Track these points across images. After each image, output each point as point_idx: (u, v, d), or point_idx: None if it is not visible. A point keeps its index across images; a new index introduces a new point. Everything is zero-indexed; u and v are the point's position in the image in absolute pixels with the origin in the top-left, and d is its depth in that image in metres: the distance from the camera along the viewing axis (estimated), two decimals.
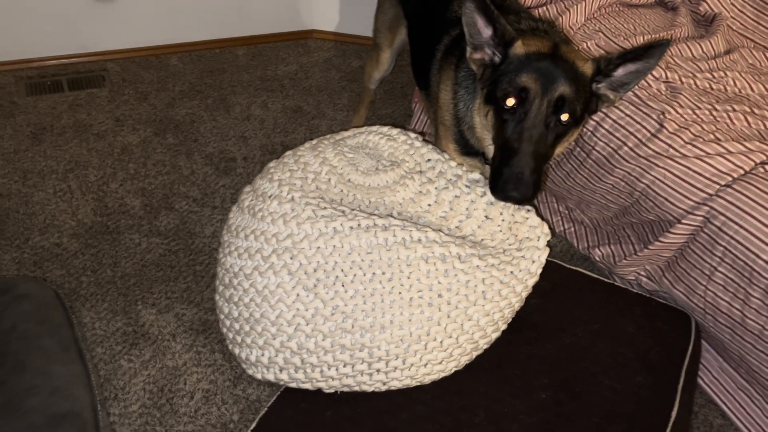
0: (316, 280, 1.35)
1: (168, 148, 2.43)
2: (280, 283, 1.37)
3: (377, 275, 1.33)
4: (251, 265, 1.41)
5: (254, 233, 1.42)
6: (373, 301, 1.33)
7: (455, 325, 1.38)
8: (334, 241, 1.35)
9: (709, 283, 1.66)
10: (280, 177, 1.47)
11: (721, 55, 2.10)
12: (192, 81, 2.81)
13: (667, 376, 1.62)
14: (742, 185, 1.61)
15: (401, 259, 1.33)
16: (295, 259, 1.36)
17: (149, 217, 2.14)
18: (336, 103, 2.78)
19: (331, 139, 1.61)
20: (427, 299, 1.35)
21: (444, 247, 1.35)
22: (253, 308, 1.41)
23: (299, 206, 1.40)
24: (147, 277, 1.93)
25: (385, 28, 2.20)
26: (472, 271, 1.36)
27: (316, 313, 1.35)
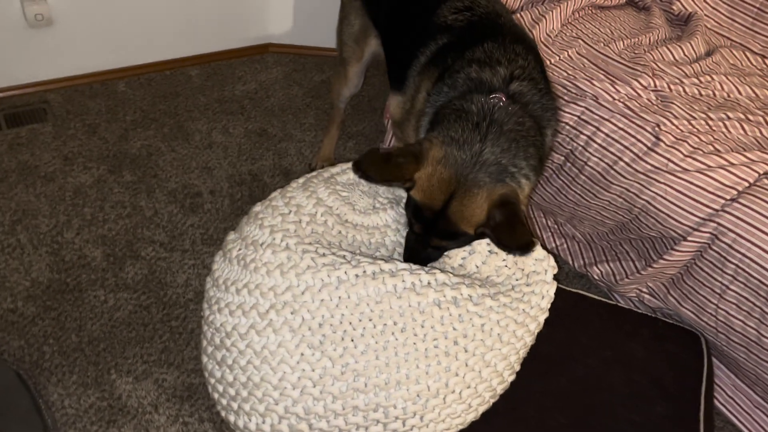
0: (322, 337, 1.22)
1: (126, 187, 2.24)
2: (282, 342, 1.24)
3: (389, 326, 1.22)
4: (246, 323, 1.27)
5: (247, 287, 1.28)
6: (386, 355, 1.22)
7: (473, 374, 1.28)
8: (339, 292, 1.22)
9: (721, 301, 1.61)
10: (272, 223, 1.34)
11: (702, 57, 2.05)
12: (144, 108, 2.61)
13: (685, 403, 1.56)
14: (749, 199, 1.56)
15: (413, 306, 1.22)
16: (296, 315, 1.23)
17: (113, 268, 1.95)
18: (302, 123, 2.63)
19: (320, 177, 1.48)
20: (444, 348, 1.24)
21: (455, 290, 1.25)
22: (252, 371, 1.27)
23: (296, 254, 1.27)
24: (118, 339, 1.75)
25: (352, 41, 2.07)
26: (486, 314, 1.27)
27: (325, 373, 1.22)
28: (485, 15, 1.59)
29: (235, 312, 1.28)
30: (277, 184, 2.32)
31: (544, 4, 2.24)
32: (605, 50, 2.01)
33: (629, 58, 1.98)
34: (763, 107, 1.83)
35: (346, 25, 2.07)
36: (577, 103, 1.86)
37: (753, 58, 2.09)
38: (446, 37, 1.57)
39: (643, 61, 1.96)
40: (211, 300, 1.37)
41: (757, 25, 2.16)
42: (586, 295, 1.81)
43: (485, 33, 1.52)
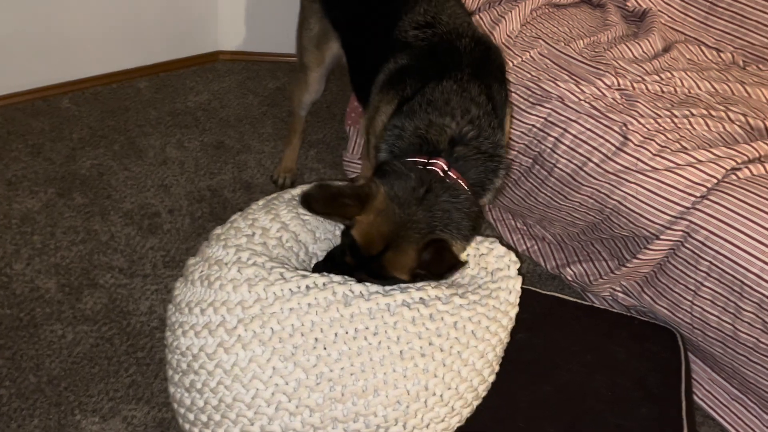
0: (294, 347, 1.17)
1: (77, 211, 2.12)
2: (252, 356, 1.17)
3: (360, 330, 1.18)
4: (214, 342, 1.20)
5: (213, 306, 1.22)
6: (361, 360, 1.17)
7: (453, 373, 1.24)
8: (308, 299, 1.18)
9: (696, 298, 1.62)
10: (236, 243, 1.29)
11: (660, 53, 2.08)
12: (92, 125, 2.48)
13: (668, 403, 1.56)
14: (718, 195, 1.57)
15: (382, 308, 1.19)
16: (266, 326, 1.18)
17: (70, 300, 1.84)
18: (261, 133, 2.55)
19: (281, 199, 1.44)
20: (418, 348, 1.20)
21: (422, 291, 1.23)
22: (222, 392, 1.20)
23: (264, 270, 1.22)
24: (80, 376, 1.65)
25: (312, 46, 2.01)
26: (457, 311, 1.24)
27: (299, 385, 1.17)
28: (446, 35, 1.55)
29: (201, 332, 1.21)
30: (239, 199, 2.24)
31: (502, 5, 2.22)
32: (566, 50, 2.01)
33: (590, 57, 1.98)
34: (723, 102, 1.86)
35: (305, 29, 2.01)
36: (543, 105, 1.84)
37: (708, 52, 2.12)
38: (406, 57, 1.54)
39: (604, 60, 1.96)
40: (174, 325, 1.30)
41: (710, 18, 2.19)
42: (561, 298, 1.80)
43: (445, 63, 1.48)
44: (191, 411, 1.27)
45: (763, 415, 1.65)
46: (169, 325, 1.32)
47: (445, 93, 1.41)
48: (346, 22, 1.82)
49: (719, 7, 2.17)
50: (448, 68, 1.46)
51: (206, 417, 1.24)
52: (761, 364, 1.54)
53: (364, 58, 1.75)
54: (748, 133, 1.76)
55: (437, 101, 1.40)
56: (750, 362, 1.56)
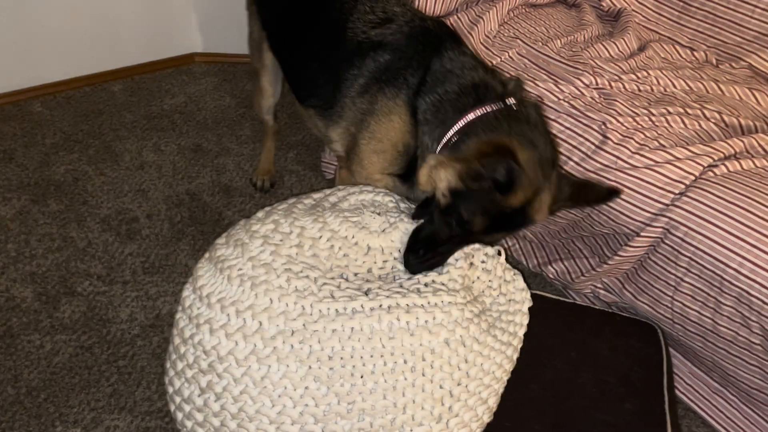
0: (330, 370, 1.14)
1: (53, 217, 2.08)
2: (286, 372, 1.14)
3: (399, 365, 1.15)
4: (246, 349, 1.15)
5: (252, 309, 1.17)
6: (394, 396, 1.15)
7: (471, 413, 1.25)
8: (353, 323, 1.15)
9: (676, 293, 1.64)
10: (287, 253, 1.23)
11: (636, 52, 2.10)
12: (65, 130, 2.43)
13: (652, 397, 1.58)
14: (697, 192, 1.59)
15: (424, 345, 1.17)
16: (305, 344, 1.14)
17: (47, 309, 1.80)
18: (239, 135, 2.52)
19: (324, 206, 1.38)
20: (449, 389, 1.20)
21: (464, 329, 1.21)
22: (246, 401, 1.16)
23: (315, 285, 1.18)
24: (61, 386, 1.62)
25: (255, 50, 2.03)
26: (487, 352, 1.25)
27: (330, 410, 1.14)
28: (411, 22, 1.57)
29: (233, 335, 1.16)
30: (218, 203, 2.22)
31: (480, 5, 2.23)
32: (544, 49, 2.02)
33: (568, 56, 2.00)
34: (698, 99, 1.89)
35: (250, 34, 2.04)
36: None
37: (682, 51, 2.15)
38: (387, 53, 1.53)
39: (582, 59, 1.98)
40: (198, 318, 1.22)
41: (683, 18, 2.23)
42: (544, 296, 1.81)
43: (429, 42, 1.50)
44: (201, 411, 1.22)
45: (743, 407, 1.68)
46: (190, 315, 1.25)
47: (455, 60, 1.44)
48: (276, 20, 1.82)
49: (692, 7, 2.20)
50: (436, 46, 1.48)
51: (219, 422, 1.19)
52: (740, 357, 1.56)
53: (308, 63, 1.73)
54: (723, 130, 1.79)
55: (454, 68, 1.42)
56: (730, 355, 1.59)
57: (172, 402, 1.29)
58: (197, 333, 1.21)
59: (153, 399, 1.61)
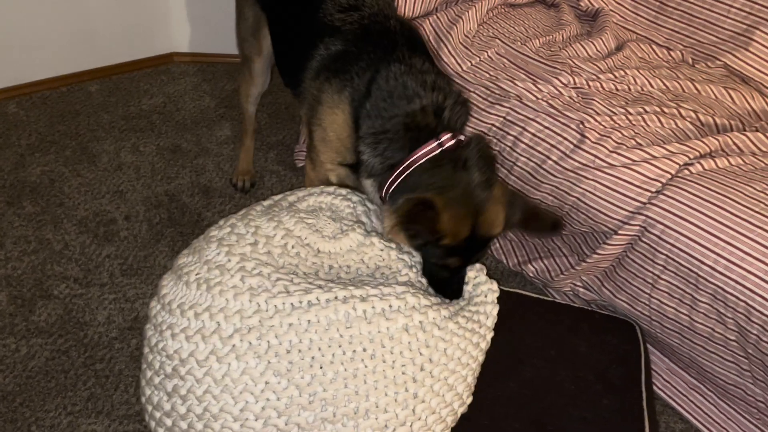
0: (290, 363, 1.15)
1: (28, 219, 2.05)
2: (246, 369, 1.15)
3: (358, 353, 1.17)
4: (206, 349, 1.17)
5: (209, 311, 1.19)
6: (356, 383, 1.16)
7: (438, 399, 1.25)
8: (309, 315, 1.16)
9: (653, 291, 1.66)
10: (241, 251, 1.25)
11: (614, 52, 2.12)
12: (41, 131, 2.40)
13: (629, 394, 1.59)
14: (673, 191, 1.61)
15: (382, 332, 1.18)
16: (262, 339, 1.15)
17: (22, 312, 1.77)
18: (218, 136, 2.51)
19: (281, 206, 1.40)
20: (411, 374, 1.20)
21: (423, 314, 1.22)
22: (209, 401, 1.17)
23: (269, 281, 1.20)
24: (36, 391, 1.59)
25: (249, 36, 2.01)
26: (450, 338, 1.25)
27: (291, 402, 1.15)
28: (374, 16, 1.57)
29: (193, 337, 1.18)
30: (198, 204, 2.20)
31: (459, 5, 2.24)
32: (523, 49, 2.03)
33: (547, 56, 2.01)
34: (674, 99, 1.91)
35: (242, 19, 2.02)
36: (502, 104, 1.86)
37: (659, 50, 2.17)
38: (339, 42, 1.54)
39: (560, 59, 1.99)
40: (161, 326, 1.25)
41: (660, 18, 2.25)
42: (524, 294, 1.82)
43: (382, 46, 1.49)
44: (169, 416, 1.23)
45: (719, 402, 1.70)
46: (155, 324, 1.28)
47: (399, 77, 1.43)
48: (270, 5, 1.83)
49: (669, 7, 2.22)
50: (387, 51, 1.47)
51: (186, 425, 1.20)
52: (717, 353, 1.58)
53: (289, 42, 1.75)
54: (698, 129, 1.81)
55: (397, 89, 1.42)
56: (706, 352, 1.61)
57: (145, 411, 1.30)
58: (161, 340, 1.23)
59: (131, 402, 1.59)
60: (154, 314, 1.29)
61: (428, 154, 1.34)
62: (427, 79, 1.43)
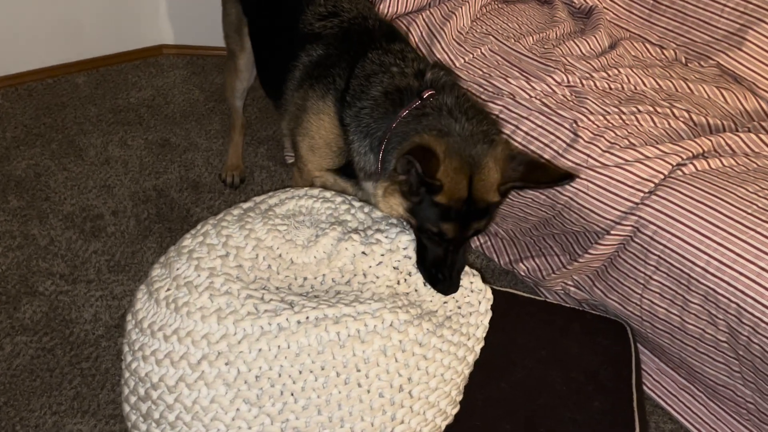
0: (260, 391, 1.13)
1: (13, 214, 2.01)
2: (215, 396, 1.13)
3: (331, 379, 1.13)
4: (175, 375, 1.15)
5: (177, 333, 1.16)
6: (329, 410, 1.14)
7: (419, 418, 1.23)
8: (278, 341, 1.13)
9: (645, 291, 1.65)
10: (210, 265, 1.21)
11: (607, 50, 2.11)
12: (26, 123, 2.36)
13: (620, 395, 1.59)
14: (666, 191, 1.60)
15: (357, 356, 1.14)
16: (231, 366, 1.13)
17: (7, 309, 1.74)
18: (207, 130, 2.48)
19: (258, 210, 1.36)
20: (389, 398, 1.18)
21: (402, 333, 1.18)
22: (181, 427, 1.16)
23: (237, 300, 1.16)
24: (21, 390, 1.57)
25: (233, 32, 2.02)
26: (432, 355, 1.22)
27: (263, 430, 1.13)
28: (354, 20, 1.56)
29: (163, 361, 1.15)
30: (186, 199, 2.17)
31: (452, 1, 2.22)
32: (516, 46, 2.02)
33: (540, 53, 2.00)
34: (667, 98, 1.90)
35: (225, 15, 2.03)
36: (495, 101, 1.85)
37: (652, 49, 2.16)
38: (320, 48, 1.53)
39: (553, 57, 1.98)
40: (134, 344, 1.23)
41: (653, 16, 2.24)
42: (516, 294, 1.81)
43: (361, 42, 1.49)
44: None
45: (709, 402, 1.70)
46: (129, 341, 1.25)
47: (376, 61, 1.42)
48: (250, 14, 1.84)
49: (662, 5, 2.21)
50: (365, 44, 1.47)
51: None
52: (707, 354, 1.58)
53: (270, 53, 1.75)
54: (691, 129, 1.81)
55: (375, 71, 1.40)
56: (697, 352, 1.61)
57: (127, 426, 1.28)
58: (134, 360, 1.21)
59: (117, 402, 1.57)
60: (129, 330, 1.26)
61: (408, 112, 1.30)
62: (408, 55, 1.43)
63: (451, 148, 1.22)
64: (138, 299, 1.26)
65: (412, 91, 1.34)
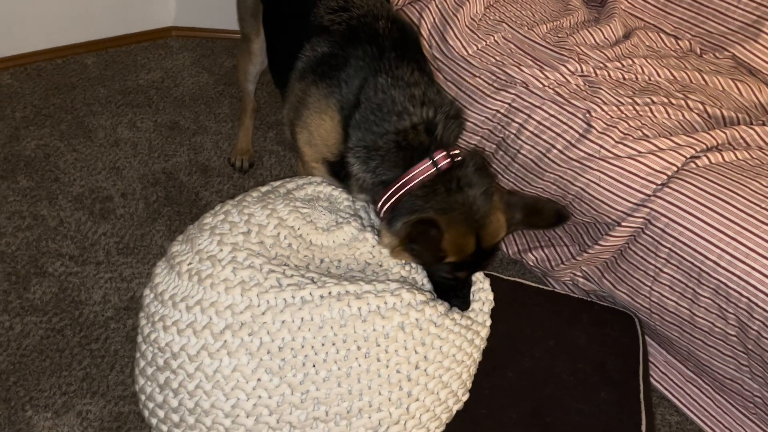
0: (282, 361, 1.14)
1: (23, 195, 2.01)
2: (237, 365, 1.14)
3: (353, 352, 1.15)
4: (197, 344, 1.15)
5: (200, 304, 1.17)
6: (349, 383, 1.15)
7: (433, 397, 1.25)
8: (302, 313, 1.14)
9: (655, 284, 1.65)
10: (233, 240, 1.23)
11: (622, 40, 2.09)
12: (36, 103, 2.35)
13: (627, 386, 1.60)
14: (678, 184, 1.59)
15: (378, 330, 1.17)
16: (255, 336, 1.14)
17: (17, 289, 1.75)
18: (217, 114, 2.47)
19: (277, 193, 1.37)
20: (406, 373, 1.20)
21: (420, 312, 1.20)
22: (200, 396, 1.17)
23: (260, 274, 1.17)
24: (31, 370, 1.58)
25: (249, 16, 1.99)
26: (446, 335, 1.25)
27: (283, 401, 1.14)
28: (363, 17, 1.52)
29: (185, 331, 1.16)
30: (196, 182, 2.17)
31: None
32: (530, 34, 2.00)
33: (554, 42, 1.98)
34: (682, 89, 1.88)
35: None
36: (507, 90, 1.84)
37: (667, 39, 2.14)
38: (325, 44, 1.50)
39: (567, 46, 1.96)
40: (153, 316, 1.24)
41: (668, 6, 2.21)
42: (523, 283, 1.81)
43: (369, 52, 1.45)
44: (162, 408, 1.23)
45: (715, 395, 1.71)
46: (147, 314, 1.26)
47: (386, 90, 1.40)
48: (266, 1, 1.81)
49: None
50: (374, 58, 1.43)
51: (178, 417, 1.20)
52: (716, 348, 1.58)
53: (281, 41, 1.73)
54: (706, 121, 1.79)
55: (385, 103, 1.39)
56: (705, 346, 1.61)
57: (139, 400, 1.29)
58: (153, 331, 1.22)
59: (127, 383, 1.58)
60: (147, 303, 1.27)
61: (422, 174, 1.32)
62: (416, 93, 1.40)
63: (453, 220, 1.30)
64: (157, 274, 1.27)
65: (423, 149, 1.35)
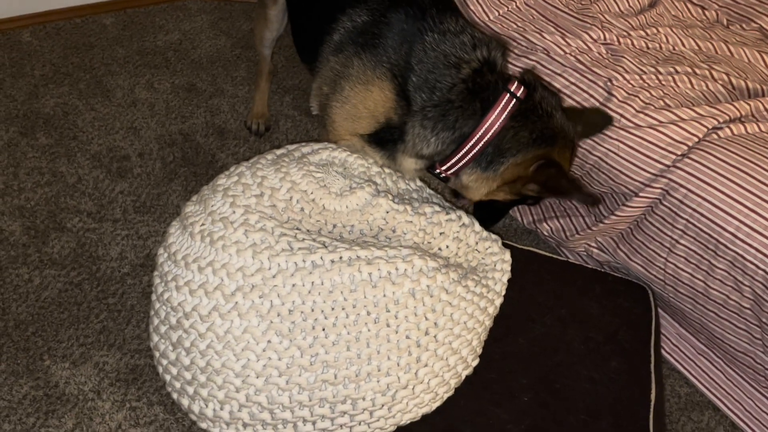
0: (292, 324, 1.15)
1: (42, 151, 2.03)
2: (248, 327, 1.16)
3: (362, 317, 1.16)
4: (209, 305, 1.17)
5: (212, 266, 1.18)
6: (358, 347, 1.16)
7: (442, 363, 1.26)
8: (313, 277, 1.15)
9: (670, 255, 1.64)
10: (245, 203, 1.23)
11: (646, 9, 2.05)
12: (55, 62, 2.36)
13: (638, 357, 1.60)
14: (699, 154, 1.57)
15: (388, 296, 1.17)
16: (265, 299, 1.15)
17: (36, 243, 1.77)
18: (234, 77, 2.46)
19: (292, 156, 1.37)
20: (415, 339, 1.21)
21: (431, 279, 1.21)
22: (212, 356, 1.19)
23: (272, 237, 1.18)
24: (49, 321, 1.61)
25: None
26: (457, 303, 1.25)
27: (293, 363, 1.16)
28: None
29: (196, 291, 1.18)
30: (212, 144, 2.18)
31: None
32: (553, 1, 1.96)
33: (577, 9, 1.95)
34: (707, 60, 1.85)
35: None
36: (528, 57, 1.81)
37: (693, 9, 2.09)
38: (364, 14, 1.48)
39: (591, 13, 1.93)
40: (167, 276, 1.26)
41: None
42: (537, 253, 1.81)
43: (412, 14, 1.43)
44: (174, 365, 1.25)
45: (726, 368, 1.70)
46: (161, 273, 1.28)
47: (437, 47, 1.41)
48: None
49: None
50: (418, 18, 1.42)
51: (190, 375, 1.22)
52: (729, 321, 1.58)
53: (308, 16, 1.69)
54: (729, 92, 1.76)
55: (439, 59, 1.40)
56: (719, 318, 1.60)
57: (154, 356, 1.32)
58: (166, 290, 1.24)
59: (142, 337, 1.61)
60: (161, 263, 1.29)
61: (506, 108, 1.37)
62: (465, 40, 1.43)
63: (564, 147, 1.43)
64: (171, 234, 1.28)
65: (494, 88, 1.39)
